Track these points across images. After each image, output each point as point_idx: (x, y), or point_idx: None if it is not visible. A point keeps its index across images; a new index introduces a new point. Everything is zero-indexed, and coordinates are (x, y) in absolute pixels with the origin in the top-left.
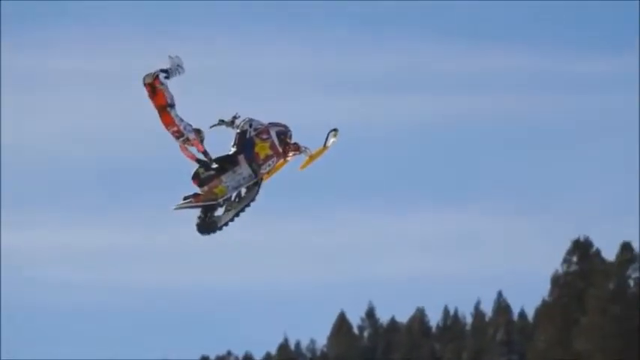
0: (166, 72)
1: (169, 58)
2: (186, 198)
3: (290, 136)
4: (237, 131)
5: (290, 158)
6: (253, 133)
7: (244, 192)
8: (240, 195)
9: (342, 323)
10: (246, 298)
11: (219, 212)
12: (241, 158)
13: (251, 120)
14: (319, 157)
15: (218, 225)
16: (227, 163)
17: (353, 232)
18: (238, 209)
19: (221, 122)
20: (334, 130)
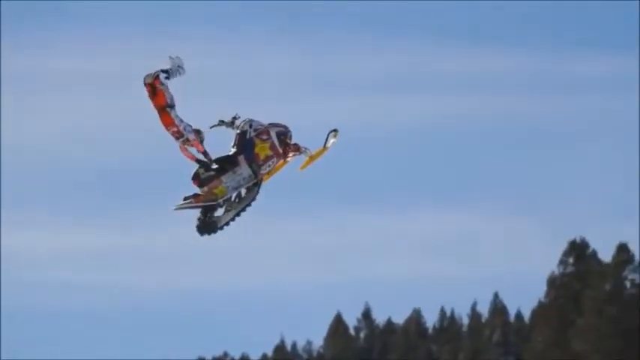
0: (167, 72)
1: (170, 59)
2: (186, 198)
3: (290, 137)
4: (237, 132)
5: (290, 159)
6: (253, 134)
7: (244, 192)
8: (240, 195)
9: (339, 324)
10: (242, 299)
11: (219, 213)
12: (241, 159)
13: (251, 120)
14: (319, 158)
15: (218, 225)
16: (227, 164)
17: (349, 233)
18: (238, 210)
19: (221, 123)
20: (334, 131)
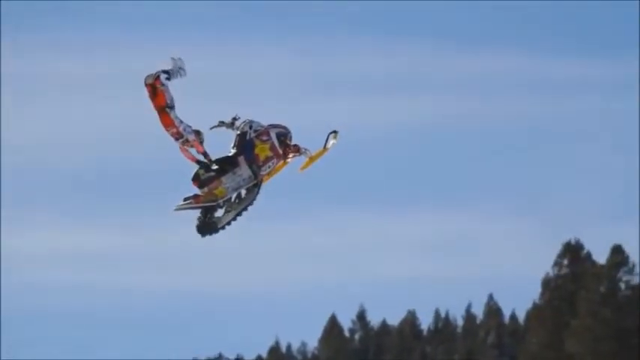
0: (168, 73)
1: (172, 60)
2: (186, 199)
3: (290, 138)
4: (237, 133)
5: (290, 160)
6: (253, 135)
7: (244, 193)
8: (240, 196)
9: (333, 326)
10: (237, 301)
11: (219, 213)
12: (241, 159)
13: (251, 121)
14: (319, 159)
15: (218, 226)
16: (227, 165)
17: (344, 235)
18: (238, 210)
19: (221, 124)
20: (334, 132)
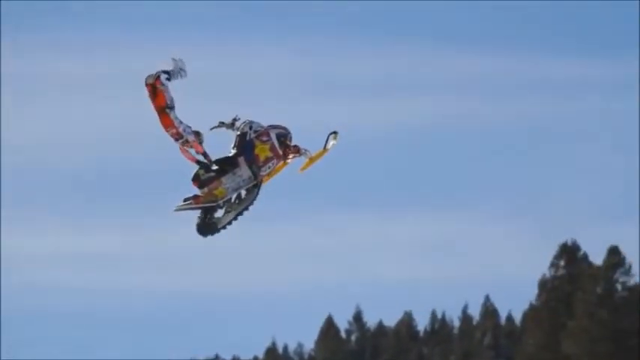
0: (168, 74)
1: (172, 61)
2: (186, 200)
3: (290, 139)
4: (237, 133)
5: (290, 160)
6: (253, 135)
7: (244, 194)
8: (240, 197)
9: (330, 327)
10: (234, 302)
11: (219, 214)
12: (241, 160)
13: (251, 122)
14: (319, 160)
15: (218, 227)
16: (227, 165)
17: (341, 236)
18: (238, 211)
19: (221, 124)
20: (334, 133)
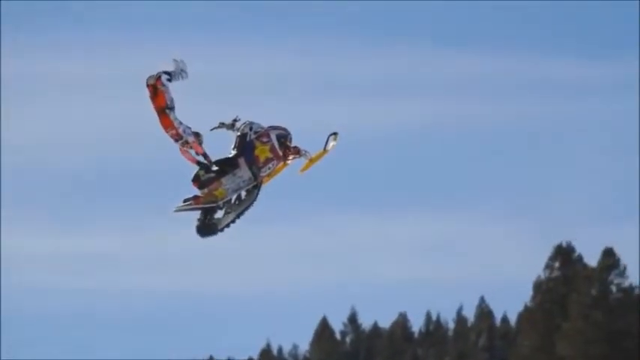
0: (169, 74)
1: (174, 62)
2: (186, 200)
3: (290, 140)
4: (237, 134)
5: (290, 161)
6: (254, 136)
7: (244, 195)
8: (240, 198)
9: (325, 328)
10: (228, 303)
11: (219, 215)
12: (241, 161)
13: (251, 123)
14: (319, 161)
15: (218, 227)
16: (227, 166)
17: (339, 237)
18: (238, 212)
19: (221, 125)
20: (334, 134)
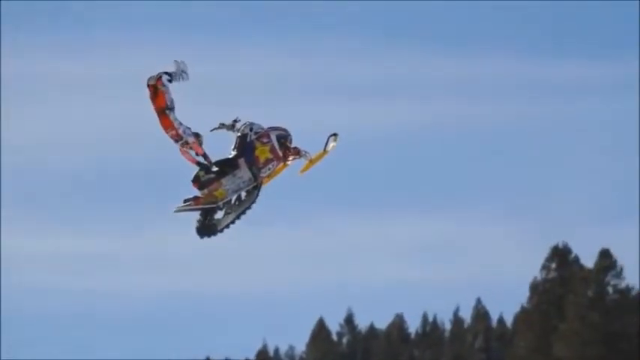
0: (170, 75)
1: (175, 63)
2: (186, 201)
3: (290, 140)
4: (237, 135)
5: (290, 162)
6: (254, 137)
7: (244, 195)
8: (240, 198)
9: (321, 329)
10: (224, 304)
11: (218, 215)
12: (242, 162)
13: (251, 124)
14: (319, 162)
15: (218, 228)
16: (227, 167)
17: (332, 239)
18: (238, 212)
19: (222, 126)
20: (334, 135)
